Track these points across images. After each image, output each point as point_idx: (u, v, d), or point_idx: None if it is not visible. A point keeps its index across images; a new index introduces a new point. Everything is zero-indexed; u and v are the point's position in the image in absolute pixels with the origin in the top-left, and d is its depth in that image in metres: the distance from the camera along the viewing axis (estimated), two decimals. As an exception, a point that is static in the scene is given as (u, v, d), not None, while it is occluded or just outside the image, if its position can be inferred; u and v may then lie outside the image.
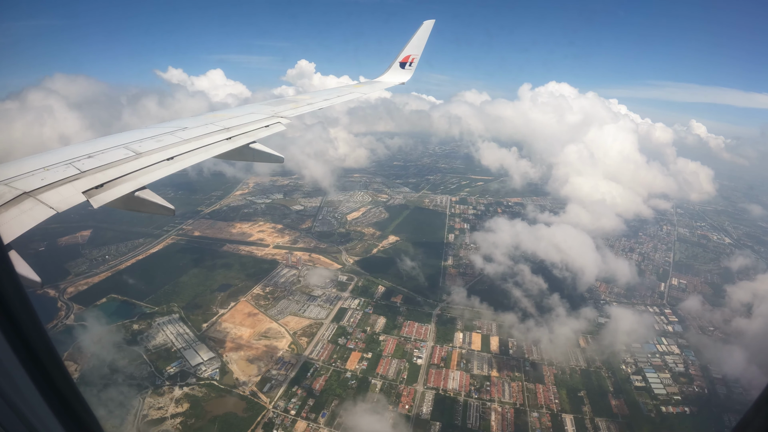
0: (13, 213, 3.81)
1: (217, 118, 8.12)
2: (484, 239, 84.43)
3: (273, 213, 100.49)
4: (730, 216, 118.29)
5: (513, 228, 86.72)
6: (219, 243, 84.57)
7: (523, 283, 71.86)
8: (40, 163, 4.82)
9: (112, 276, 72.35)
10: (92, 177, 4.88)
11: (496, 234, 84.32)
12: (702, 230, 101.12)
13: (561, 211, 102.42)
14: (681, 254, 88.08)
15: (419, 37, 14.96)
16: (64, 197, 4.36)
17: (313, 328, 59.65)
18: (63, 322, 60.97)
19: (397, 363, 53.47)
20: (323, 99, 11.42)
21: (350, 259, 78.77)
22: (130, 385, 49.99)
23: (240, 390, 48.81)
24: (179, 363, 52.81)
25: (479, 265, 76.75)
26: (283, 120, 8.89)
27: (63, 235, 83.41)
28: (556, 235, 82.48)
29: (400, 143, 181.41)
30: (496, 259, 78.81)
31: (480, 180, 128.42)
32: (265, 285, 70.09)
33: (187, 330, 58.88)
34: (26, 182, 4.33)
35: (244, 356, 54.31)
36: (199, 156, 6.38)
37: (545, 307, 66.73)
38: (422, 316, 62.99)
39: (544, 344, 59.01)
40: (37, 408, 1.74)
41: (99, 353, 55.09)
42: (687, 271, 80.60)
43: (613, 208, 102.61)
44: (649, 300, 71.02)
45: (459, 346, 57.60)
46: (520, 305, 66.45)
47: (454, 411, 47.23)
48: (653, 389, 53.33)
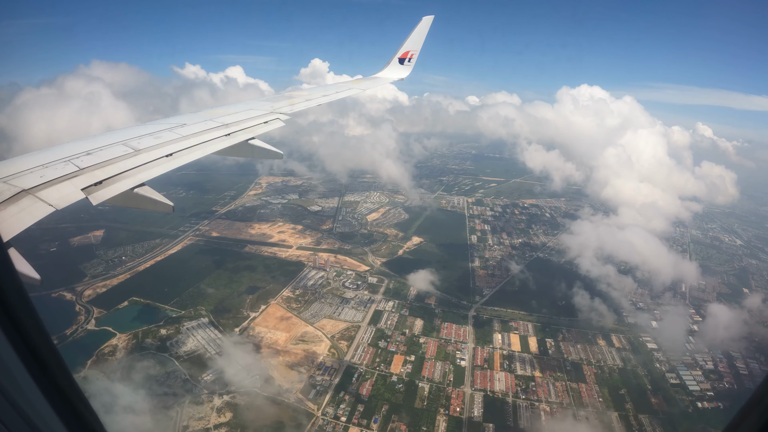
0: (12, 210, 3.78)
1: (215, 115, 7.98)
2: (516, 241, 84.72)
3: (290, 213, 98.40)
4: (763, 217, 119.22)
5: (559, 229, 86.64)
6: (239, 244, 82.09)
7: (554, 283, 72.38)
8: (38, 161, 4.77)
9: (132, 278, 69.11)
10: (91, 174, 4.83)
11: (530, 236, 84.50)
12: (721, 233, 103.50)
13: (600, 213, 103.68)
14: (697, 255, 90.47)
15: (418, 33, 14.78)
16: (63, 194, 4.33)
17: (350, 332, 58.29)
18: (83, 327, 57.74)
19: (442, 365, 52.80)
20: (322, 95, 11.14)
21: (377, 260, 77.66)
22: (165, 395, 47.53)
23: (284, 397, 47.07)
24: (215, 370, 50.60)
25: (509, 266, 76.98)
26: (281, 116, 8.72)
27: (74, 236, 79.33)
28: (600, 236, 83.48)
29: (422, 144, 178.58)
30: (525, 260, 79.25)
31: (493, 182, 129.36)
32: (294, 287, 68.25)
33: (219, 335, 56.61)
34: (25, 180, 4.30)
35: (284, 362, 52.53)
36: (197, 152, 6.31)
37: (577, 307, 67.27)
38: (458, 318, 62.48)
39: (581, 344, 59.41)
40: (38, 405, 1.73)
41: (126, 360, 52.33)
42: (706, 272, 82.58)
43: (662, 211, 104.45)
44: (672, 300, 72.59)
45: (499, 347, 57.36)
46: (553, 305, 66.79)
47: (504, 412, 47.01)
48: (688, 386, 54.44)
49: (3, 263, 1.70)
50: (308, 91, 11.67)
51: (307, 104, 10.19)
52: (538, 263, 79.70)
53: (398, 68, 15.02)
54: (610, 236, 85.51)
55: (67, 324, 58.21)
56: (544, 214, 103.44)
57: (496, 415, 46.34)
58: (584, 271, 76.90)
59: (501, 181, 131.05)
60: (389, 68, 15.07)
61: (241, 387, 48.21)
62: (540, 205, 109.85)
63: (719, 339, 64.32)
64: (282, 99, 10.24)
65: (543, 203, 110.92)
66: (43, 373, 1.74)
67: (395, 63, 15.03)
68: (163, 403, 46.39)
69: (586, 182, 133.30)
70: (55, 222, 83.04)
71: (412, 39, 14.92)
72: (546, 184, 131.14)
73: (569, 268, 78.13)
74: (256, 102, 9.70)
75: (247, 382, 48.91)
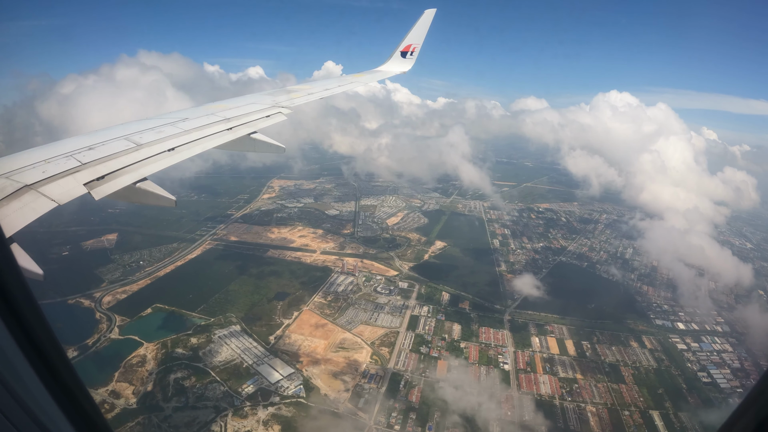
0: (14, 206, 3.80)
1: (217, 109, 7.94)
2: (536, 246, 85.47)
3: (308, 217, 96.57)
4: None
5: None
6: (261, 248, 79.74)
7: (580, 287, 73.17)
8: (40, 156, 4.77)
9: (153, 284, 65.97)
10: (93, 169, 4.84)
11: (548, 240, 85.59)
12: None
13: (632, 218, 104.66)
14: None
15: (420, 26, 14.77)
16: (66, 189, 4.34)
17: (389, 338, 57.03)
18: (106, 336, 54.52)
19: (486, 370, 52.22)
20: (324, 89, 11.10)
21: (404, 265, 76.77)
22: (204, 408, 45.08)
23: (333, 407, 45.34)
24: (255, 380, 48.44)
25: (535, 270, 77.47)
26: (284, 110, 8.69)
27: (86, 239, 75.43)
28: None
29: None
30: (549, 264, 79.93)
31: (504, 186, 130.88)
32: (325, 293, 66.55)
33: (254, 343, 54.37)
34: (27, 175, 4.31)
35: (326, 370, 50.76)
36: (200, 147, 6.31)
37: (606, 309, 68.03)
38: (494, 322, 62.14)
39: (615, 346, 60.03)
40: (42, 401, 1.76)
41: (157, 371, 49.48)
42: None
43: (705, 216, 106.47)
44: (693, 302, 74.42)
45: (538, 350, 57.29)
46: (582, 309, 67.35)
47: (554, 414, 46.89)
48: (719, 384, 55.76)
49: (6, 258, 1.69)
50: (310, 85, 11.49)
51: (309, 98, 10.03)
52: (561, 267, 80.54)
53: (400, 62, 14.89)
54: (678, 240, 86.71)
55: (88, 333, 54.80)
56: (560, 219, 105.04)
57: (546, 417, 46.16)
58: (610, 275, 78.23)
59: (512, 186, 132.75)
60: (391, 61, 14.93)
61: (285, 397, 46.22)
62: (554, 209, 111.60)
63: (741, 338, 66.27)
64: (283, 93, 10.05)
65: (557, 207, 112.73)
66: (46, 368, 1.74)
67: (397, 56, 14.93)
68: (204, 416, 43.95)
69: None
70: (64, 225, 78.88)
71: (415, 32, 14.75)
72: (556, 187, 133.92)
73: (592, 272, 79.30)
74: (258, 96, 9.55)
75: (290, 392, 46.94)
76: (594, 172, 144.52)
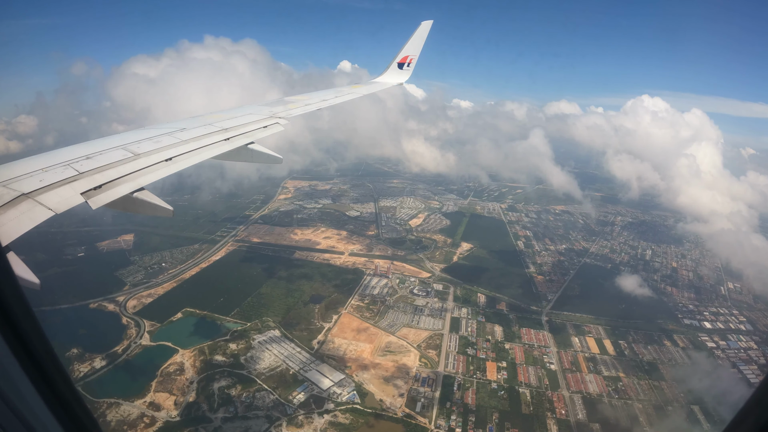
0: (11, 214, 3.80)
1: (215, 119, 8.04)
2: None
3: (329, 219, 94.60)
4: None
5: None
6: (286, 250, 77.30)
7: (609, 288, 74.31)
8: (38, 165, 4.80)
9: (179, 287, 62.72)
10: (90, 178, 4.86)
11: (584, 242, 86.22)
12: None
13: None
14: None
15: (417, 38, 15.06)
16: (63, 198, 4.35)
17: (434, 340, 56.00)
18: (137, 342, 51.23)
19: (534, 370, 52.06)
20: (321, 99, 11.36)
21: (435, 267, 76.02)
22: (256, 417, 42.77)
23: (390, 412, 43.86)
24: (305, 387, 46.43)
25: (564, 272, 78.25)
26: (281, 121, 8.82)
27: (101, 240, 71.24)
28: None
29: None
30: (575, 266, 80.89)
31: (518, 188, 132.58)
32: (361, 296, 64.93)
33: (296, 348, 52.26)
34: (24, 184, 4.32)
35: (376, 375, 49.22)
36: (197, 157, 6.40)
37: (637, 310, 69.27)
38: (534, 323, 62.12)
39: (651, 345, 61.10)
40: (37, 410, 1.76)
41: (198, 380, 46.69)
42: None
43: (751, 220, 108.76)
44: (716, 302, 76.86)
45: (579, 350, 57.62)
46: (614, 309, 68.32)
47: (604, 412, 47.14)
48: (749, 380, 57.41)
49: (2, 268, 1.68)
50: (307, 95, 11.69)
51: (306, 109, 10.16)
52: (587, 269, 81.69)
53: (397, 73, 15.07)
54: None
55: (117, 339, 51.36)
56: (578, 221, 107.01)
57: (598, 415, 46.34)
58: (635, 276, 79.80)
59: (525, 188, 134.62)
60: (388, 73, 15.09)
61: (340, 404, 44.41)
62: (570, 211, 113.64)
63: (764, 336, 68.75)
64: (281, 104, 10.20)
65: (572, 209, 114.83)
66: (42, 377, 1.73)
67: (394, 68, 15.06)
68: (257, 427, 41.61)
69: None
70: (76, 225, 74.18)
71: (412, 44, 14.92)
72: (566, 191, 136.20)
73: (617, 273, 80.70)
74: (255, 107, 9.67)
75: (344, 399, 45.16)
76: (635, 175, 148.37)
